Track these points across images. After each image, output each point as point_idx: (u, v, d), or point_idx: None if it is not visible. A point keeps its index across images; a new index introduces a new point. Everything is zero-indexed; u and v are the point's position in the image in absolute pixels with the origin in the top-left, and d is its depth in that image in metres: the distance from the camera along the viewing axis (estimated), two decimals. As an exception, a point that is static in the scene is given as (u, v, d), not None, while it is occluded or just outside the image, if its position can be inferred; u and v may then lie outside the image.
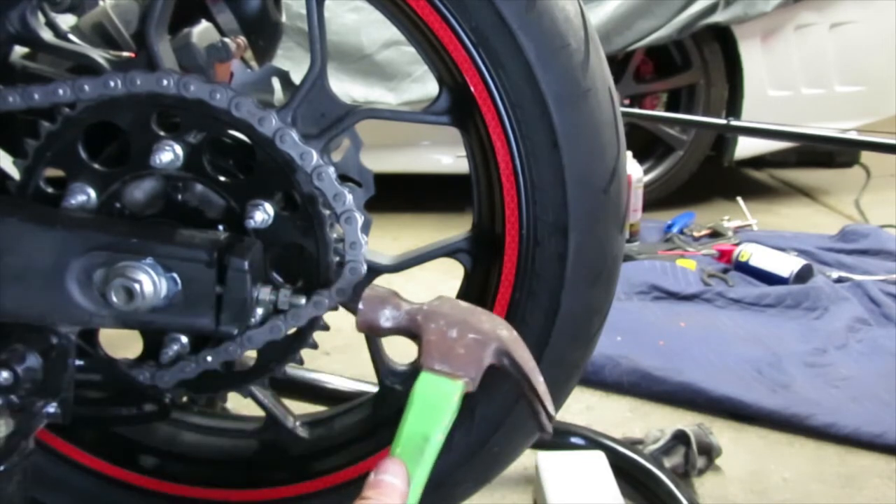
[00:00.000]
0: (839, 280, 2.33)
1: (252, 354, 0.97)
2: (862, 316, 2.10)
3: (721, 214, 2.95)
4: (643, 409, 1.72)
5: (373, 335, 0.81)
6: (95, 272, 0.82)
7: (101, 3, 1.06)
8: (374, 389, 1.06)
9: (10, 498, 0.85)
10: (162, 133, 0.85)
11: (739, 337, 1.99)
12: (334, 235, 0.89)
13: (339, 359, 1.78)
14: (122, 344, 1.06)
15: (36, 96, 0.85)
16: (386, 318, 0.79)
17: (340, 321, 1.01)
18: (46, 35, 0.90)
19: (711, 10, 2.73)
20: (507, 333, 0.76)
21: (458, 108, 0.90)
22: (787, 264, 2.34)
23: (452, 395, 0.73)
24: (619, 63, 2.98)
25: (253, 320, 0.87)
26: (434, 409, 0.72)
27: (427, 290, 0.87)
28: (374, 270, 0.95)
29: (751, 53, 2.93)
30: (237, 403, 1.26)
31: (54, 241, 0.82)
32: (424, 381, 0.73)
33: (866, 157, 3.35)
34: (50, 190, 0.89)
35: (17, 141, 0.90)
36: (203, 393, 1.01)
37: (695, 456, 1.45)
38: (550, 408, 0.77)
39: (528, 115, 0.85)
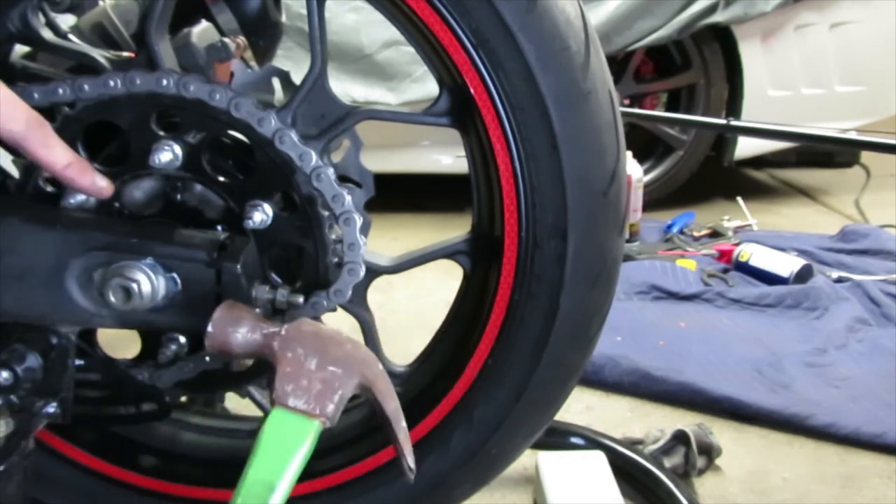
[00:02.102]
0: (839, 280, 2.33)
1: (251, 355, 0.97)
2: (862, 316, 2.10)
3: (721, 214, 2.95)
4: (643, 409, 1.72)
5: (225, 358, 0.73)
6: (95, 272, 0.82)
7: (101, 3, 1.06)
8: (374, 390, 1.06)
9: (10, 498, 0.85)
10: (161, 133, 0.85)
11: (739, 337, 1.99)
12: (333, 236, 0.89)
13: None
14: (122, 344, 1.06)
15: (36, 95, 0.85)
16: (238, 340, 0.71)
17: (340, 322, 1.01)
18: (47, 34, 0.90)
19: (711, 10, 2.73)
20: (370, 370, 0.70)
21: (457, 109, 0.90)
22: (787, 264, 2.34)
23: (306, 435, 0.66)
24: (619, 63, 2.98)
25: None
26: (284, 450, 0.65)
27: (427, 291, 0.87)
28: (373, 271, 0.95)
29: (751, 53, 2.93)
30: (236, 403, 1.26)
31: (54, 241, 0.82)
32: (276, 419, 0.66)
33: (866, 157, 3.35)
34: (49, 189, 0.89)
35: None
36: (201, 393, 1.01)
37: (695, 456, 1.45)
38: (410, 458, 0.71)
39: (527, 117, 0.85)
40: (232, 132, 0.87)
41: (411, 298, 2.11)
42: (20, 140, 0.67)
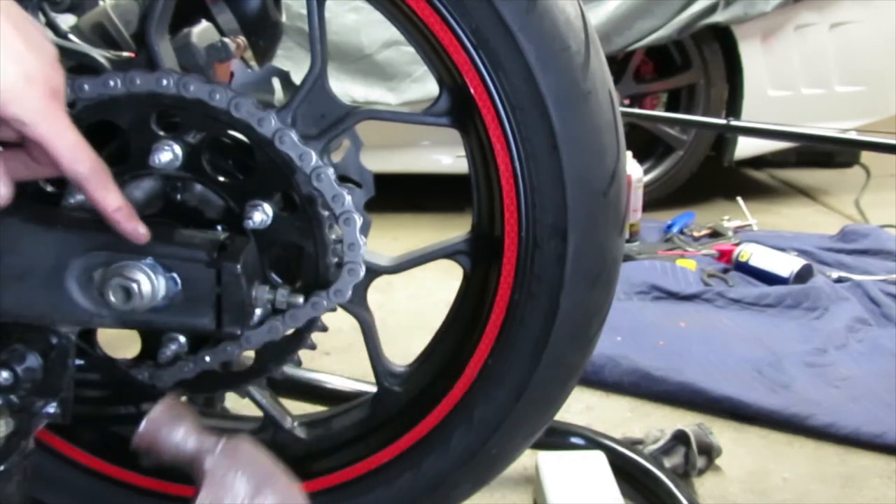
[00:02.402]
0: (839, 280, 2.33)
1: (250, 355, 0.97)
2: (862, 316, 2.10)
3: (721, 214, 2.95)
4: (643, 409, 1.72)
5: (151, 459, 0.68)
6: (95, 272, 0.82)
7: (101, 3, 1.06)
8: (374, 390, 1.06)
9: (10, 498, 0.85)
10: (161, 133, 0.85)
11: (739, 337, 1.99)
12: (333, 236, 0.89)
13: (339, 359, 1.78)
14: (122, 344, 1.06)
15: (35, 96, 0.85)
16: (170, 444, 0.66)
17: (341, 322, 1.01)
18: (47, 34, 0.90)
19: (711, 10, 2.73)
20: None
21: (457, 109, 0.90)
22: (787, 264, 2.34)
23: None
24: (619, 63, 2.98)
25: (252, 320, 0.87)
26: None
27: (427, 291, 0.87)
28: (373, 271, 0.95)
29: (751, 53, 2.93)
30: (236, 403, 1.26)
31: (54, 241, 0.82)
32: None
33: (866, 157, 3.35)
34: (49, 188, 0.89)
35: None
36: (202, 393, 1.01)
37: (695, 456, 1.45)
38: None
39: (527, 117, 0.85)
40: (232, 132, 0.87)
41: (411, 298, 2.10)
42: (82, 181, 0.72)
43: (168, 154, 0.84)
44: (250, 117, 0.84)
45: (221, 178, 0.87)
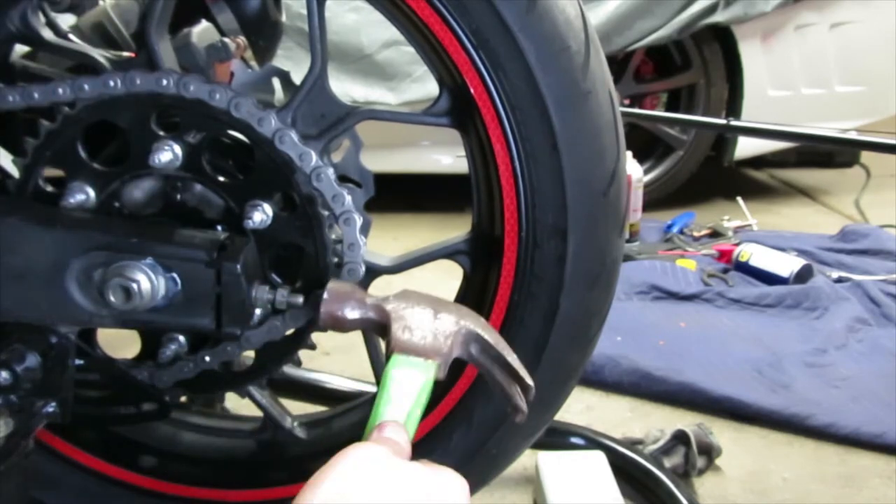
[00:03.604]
0: (839, 280, 2.33)
1: (250, 355, 0.97)
2: (862, 316, 2.10)
3: (721, 214, 2.95)
4: (643, 409, 1.72)
5: (337, 330, 0.79)
6: (95, 272, 0.82)
7: (101, 2, 1.06)
8: (374, 390, 1.06)
9: (10, 498, 0.85)
10: (161, 133, 0.85)
11: (739, 337, 1.99)
12: (333, 236, 0.89)
13: (339, 359, 1.78)
14: (122, 344, 1.06)
15: (36, 95, 0.85)
16: (351, 309, 0.77)
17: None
18: (47, 34, 0.90)
19: (711, 10, 2.73)
20: (474, 318, 0.75)
21: (458, 109, 0.90)
22: (787, 264, 2.34)
23: (425, 377, 0.71)
24: (619, 63, 2.97)
25: (252, 320, 0.87)
26: (405, 392, 0.70)
27: (427, 291, 0.87)
28: (373, 271, 0.95)
29: (751, 53, 2.92)
30: (236, 403, 1.26)
31: (54, 241, 0.82)
32: (396, 364, 0.71)
33: (866, 157, 3.35)
34: (49, 189, 0.89)
35: (16, 139, 0.90)
36: (202, 393, 1.01)
37: (695, 456, 1.45)
38: (528, 378, 0.75)
39: (527, 117, 0.85)
40: (232, 132, 0.87)
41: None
42: None
43: (168, 154, 0.84)
44: (250, 117, 0.84)
45: (221, 178, 0.87)
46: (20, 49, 0.96)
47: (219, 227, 0.88)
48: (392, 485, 0.56)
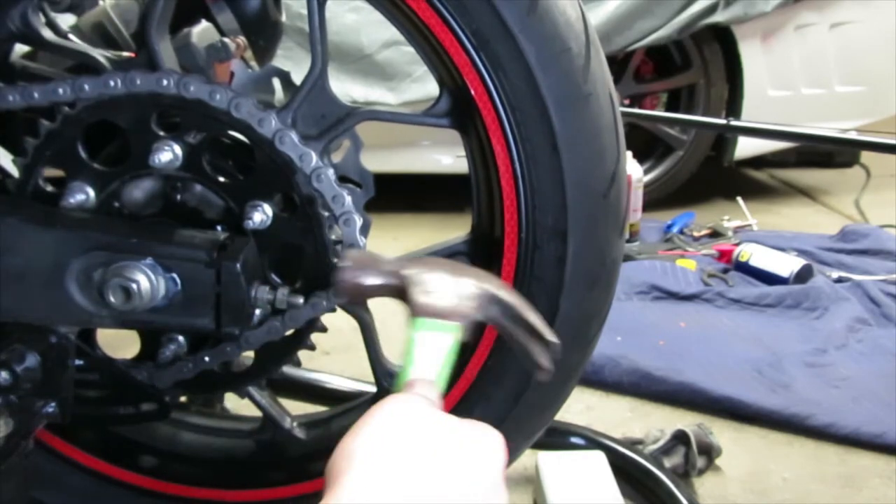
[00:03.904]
0: (839, 280, 2.33)
1: (250, 355, 0.97)
2: (862, 316, 2.10)
3: (721, 214, 2.94)
4: (643, 409, 1.72)
5: (355, 299, 0.78)
6: (95, 272, 0.82)
7: (101, 2, 1.06)
8: (374, 390, 1.06)
9: (10, 498, 0.85)
10: (161, 133, 0.85)
11: (739, 337, 1.99)
12: (333, 237, 0.89)
13: (339, 359, 1.78)
14: (122, 344, 1.06)
15: (36, 95, 0.85)
16: (372, 276, 0.75)
17: (341, 321, 1.01)
18: (47, 34, 0.90)
19: (711, 10, 2.73)
20: (493, 280, 0.75)
21: (458, 110, 0.90)
22: (787, 264, 2.34)
23: (449, 339, 0.71)
24: (619, 63, 2.97)
25: (251, 321, 0.87)
26: (433, 354, 0.70)
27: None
28: (374, 271, 0.95)
29: (751, 53, 2.92)
30: (236, 404, 1.26)
31: (54, 241, 0.82)
32: (420, 327, 0.71)
33: (866, 157, 3.35)
34: (49, 188, 0.89)
35: (17, 139, 0.90)
36: (201, 393, 1.01)
37: (695, 456, 1.45)
38: (550, 335, 0.74)
39: (528, 118, 0.85)
40: (232, 132, 0.87)
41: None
42: None
43: (168, 154, 0.84)
44: (250, 118, 0.84)
45: (221, 179, 0.87)
46: (20, 49, 0.96)
47: (219, 228, 0.88)
48: (429, 431, 0.57)
